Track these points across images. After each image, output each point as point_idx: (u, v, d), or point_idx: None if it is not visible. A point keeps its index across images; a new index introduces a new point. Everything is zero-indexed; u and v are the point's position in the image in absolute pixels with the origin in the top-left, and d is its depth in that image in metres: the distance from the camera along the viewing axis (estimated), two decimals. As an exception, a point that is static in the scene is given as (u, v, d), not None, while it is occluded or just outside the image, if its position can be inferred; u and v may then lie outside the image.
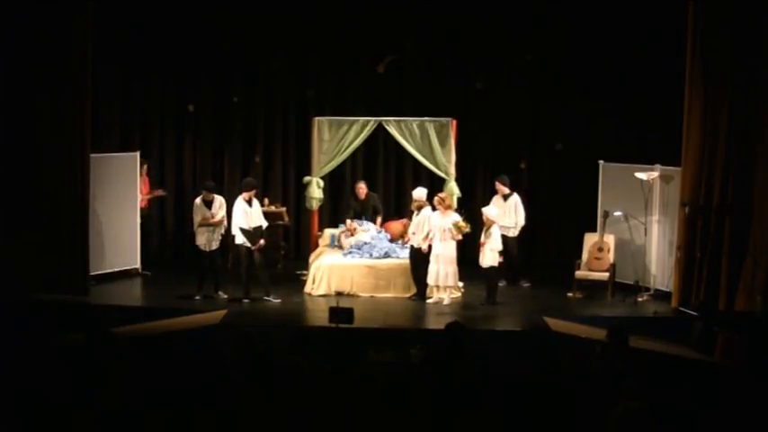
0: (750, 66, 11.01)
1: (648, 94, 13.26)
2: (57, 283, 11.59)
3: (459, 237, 11.64)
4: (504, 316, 11.37)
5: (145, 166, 13.52)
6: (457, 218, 11.69)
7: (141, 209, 13.34)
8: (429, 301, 11.78)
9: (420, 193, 12.07)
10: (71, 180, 11.67)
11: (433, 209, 11.84)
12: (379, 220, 13.34)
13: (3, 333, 9.20)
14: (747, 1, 11.02)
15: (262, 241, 11.61)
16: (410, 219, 12.37)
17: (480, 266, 11.74)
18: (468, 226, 11.66)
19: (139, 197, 13.22)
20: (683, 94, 11.47)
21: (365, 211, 13.30)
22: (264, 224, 11.78)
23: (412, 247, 11.96)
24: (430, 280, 11.73)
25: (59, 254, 11.65)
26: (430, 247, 11.67)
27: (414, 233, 11.91)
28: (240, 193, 11.80)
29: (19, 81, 11.50)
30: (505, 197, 12.67)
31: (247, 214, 11.61)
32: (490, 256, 11.65)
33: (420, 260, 11.80)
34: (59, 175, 11.64)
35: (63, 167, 11.64)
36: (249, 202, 11.68)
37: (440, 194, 11.98)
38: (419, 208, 11.94)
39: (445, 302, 11.67)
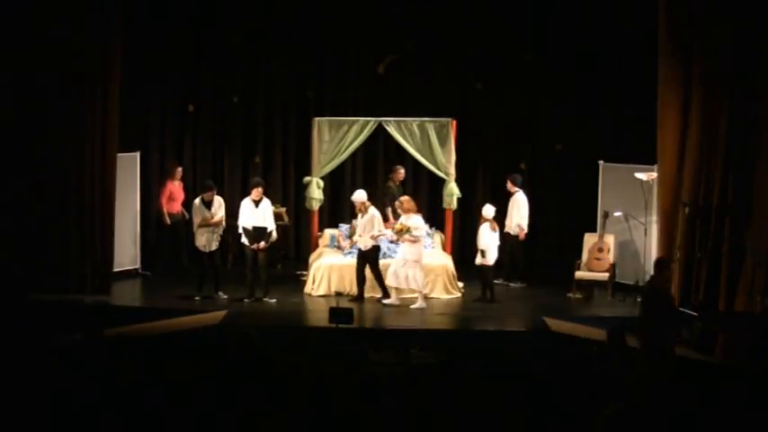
0: (750, 66, 11.01)
1: (648, 95, 13.22)
2: (79, 283, 11.73)
3: (409, 238, 11.39)
4: (504, 316, 11.37)
5: (179, 170, 13.50)
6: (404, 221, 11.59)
7: (173, 214, 13.25)
8: (386, 301, 11.59)
9: (362, 195, 11.92)
10: (92, 181, 11.81)
11: (395, 213, 11.86)
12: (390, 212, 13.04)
13: (3, 333, 9.21)
14: (747, 1, 11.03)
15: (262, 243, 11.56)
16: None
17: (489, 265, 11.75)
18: (406, 227, 11.45)
19: (159, 203, 13.27)
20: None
21: (399, 197, 13.12)
22: (271, 227, 11.67)
23: (359, 249, 11.74)
24: (396, 282, 11.53)
25: (81, 253, 11.78)
26: (378, 247, 11.65)
27: (360, 235, 11.72)
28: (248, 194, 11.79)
29: (30, 83, 11.59)
30: (508, 196, 12.68)
31: (251, 214, 11.58)
32: (494, 254, 11.70)
33: (369, 261, 11.67)
34: (82, 177, 11.78)
35: (86, 168, 11.78)
36: (257, 203, 11.64)
37: (400, 198, 11.93)
38: (366, 209, 11.79)
39: (417, 306, 11.44)
